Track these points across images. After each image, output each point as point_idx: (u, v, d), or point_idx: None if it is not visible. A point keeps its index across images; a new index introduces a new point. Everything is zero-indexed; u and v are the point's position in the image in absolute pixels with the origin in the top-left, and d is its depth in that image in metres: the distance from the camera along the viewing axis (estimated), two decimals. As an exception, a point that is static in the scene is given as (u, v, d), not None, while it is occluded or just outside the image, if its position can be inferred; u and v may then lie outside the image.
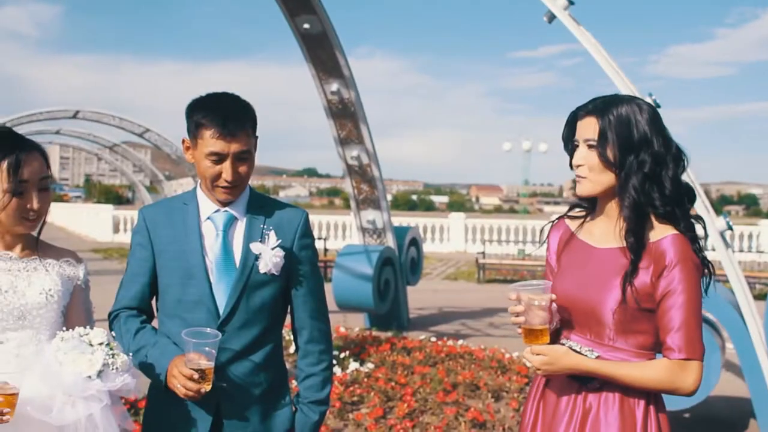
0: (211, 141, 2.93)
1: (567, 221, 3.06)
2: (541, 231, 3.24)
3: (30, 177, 2.82)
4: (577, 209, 3.04)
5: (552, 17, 7.14)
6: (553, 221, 3.13)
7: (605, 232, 2.86)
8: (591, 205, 2.97)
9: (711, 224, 6.55)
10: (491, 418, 7.05)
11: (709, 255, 2.99)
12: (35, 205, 2.84)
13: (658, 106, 6.67)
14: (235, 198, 3.07)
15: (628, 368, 2.72)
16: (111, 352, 2.68)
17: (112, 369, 2.66)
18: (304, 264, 3.15)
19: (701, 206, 6.57)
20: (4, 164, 2.79)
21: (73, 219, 44.77)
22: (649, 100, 6.55)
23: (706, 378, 6.29)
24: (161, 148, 23.40)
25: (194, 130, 2.98)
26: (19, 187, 2.80)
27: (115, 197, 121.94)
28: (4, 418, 2.57)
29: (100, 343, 2.67)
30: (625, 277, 2.72)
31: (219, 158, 2.94)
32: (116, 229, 36.53)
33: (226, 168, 2.96)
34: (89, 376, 2.63)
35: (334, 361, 9.17)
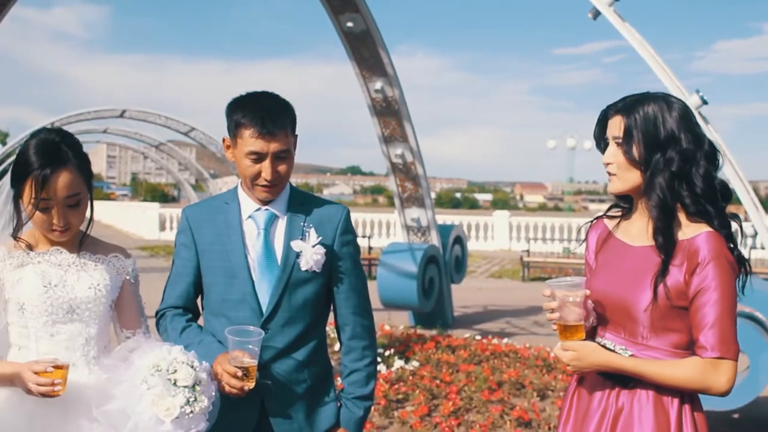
0: (250, 140, 2.96)
1: (605, 220, 3.05)
2: (579, 230, 3.23)
3: (53, 195, 2.86)
4: (615, 208, 3.03)
5: (597, 13, 7.11)
6: (591, 221, 3.13)
7: (640, 230, 2.85)
8: (630, 205, 2.96)
9: (760, 222, 6.46)
10: (536, 416, 7.02)
11: (759, 253, 2.95)
12: (59, 222, 2.89)
13: (705, 103, 6.61)
14: (275, 197, 3.10)
15: (658, 366, 2.69)
16: (194, 394, 2.70)
17: (188, 414, 2.68)
18: (345, 260, 3.16)
19: (749, 204, 6.49)
20: (29, 181, 2.84)
21: (120, 217, 45.33)
22: (696, 96, 6.51)
23: (755, 378, 6.24)
24: (206, 146, 23.55)
25: (234, 129, 3.02)
26: (42, 204, 2.86)
27: (161, 195, 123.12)
28: (56, 389, 2.64)
29: (185, 386, 2.69)
30: (655, 277, 2.70)
31: (258, 157, 2.97)
32: (162, 227, 36.89)
33: (265, 167, 2.98)
34: (162, 420, 2.66)
35: (379, 359, 9.20)
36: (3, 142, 50.84)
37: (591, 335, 2.87)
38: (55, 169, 2.85)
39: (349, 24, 10.82)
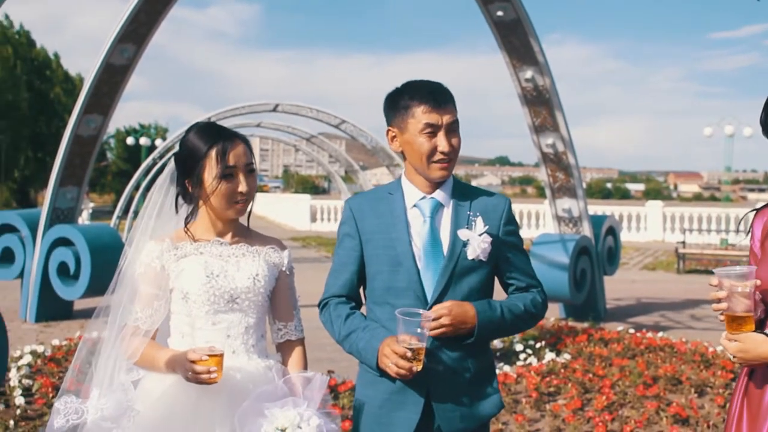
0: (423, 116, 3.03)
1: None
2: (743, 219, 3.10)
3: (236, 162, 2.99)
4: None
5: (762, -6, 6.80)
6: (756, 209, 3.00)
7: None
8: None
9: None
10: (695, 414, 6.78)
11: None
12: (244, 187, 3.00)
13: None
14: (449, 174, 3.14)
15: None
16: None
17: None
18: (510, 249, 3.18)
19: None
20: (213, 152, 2.97)
21: (273, 208, 46.53)
22: None
23: None
24: (356, 138, 23.78)
25: (403, 112, 3.08)
26: (227, 171, 2.96)
27: (312, 187, 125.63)
28: (212, 376, 2.72)
29: None
30: None
31: (433, 130, 3.04)
32: (313, 218, 37.69)
33: (440, 139, 3.04)
34: None
35: (530, 351, 9.13)
36: (163, 137, 53.03)
37: (759, 327, 2.77)
38: (232, 140, 3.01)
39: (500, 13, 10.74)
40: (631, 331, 10.49)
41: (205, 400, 2.84)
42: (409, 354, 2.81)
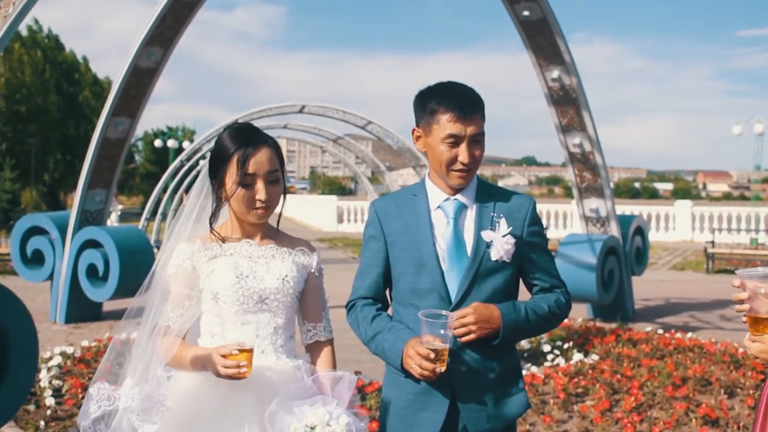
0: (448, 124, 3.01)
1: None
2: None
3: (256, 170, 2.99)
4: None
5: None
6: None
7: None
8: None
9: None
10: (724, 415, 6.72)
11: None
12: (261, 196, 3.00)
13: None
14: (468, 183, 3.13)
15: None
16: None
17: None
18: (535, 250, 3.16)
19: None
20: (234, 158, 2.97)
21: (300, 209, 46.65)
22: None
23: None
24: (383, 139, 23.75)
25: (429, 116, 3.07)
26: (245, 180, 2.97)
27: (339, 188, 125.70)
28: (242, 371, 2.74)
29: None
30: None
31: (455, 141, 3.02)
32: (340, 219, 37.77)
33: (462, 151, 3.02)
34: None
35: (558, 352, 9.09)
36: (190, 139, 53.31)
37: None
38: (256, 146, 3.00)
39: (526, 13, 10.72)
40: (660, 331, 10.42)
41: (233, 396, 2.86)
42: (432, 355, 2.82)
